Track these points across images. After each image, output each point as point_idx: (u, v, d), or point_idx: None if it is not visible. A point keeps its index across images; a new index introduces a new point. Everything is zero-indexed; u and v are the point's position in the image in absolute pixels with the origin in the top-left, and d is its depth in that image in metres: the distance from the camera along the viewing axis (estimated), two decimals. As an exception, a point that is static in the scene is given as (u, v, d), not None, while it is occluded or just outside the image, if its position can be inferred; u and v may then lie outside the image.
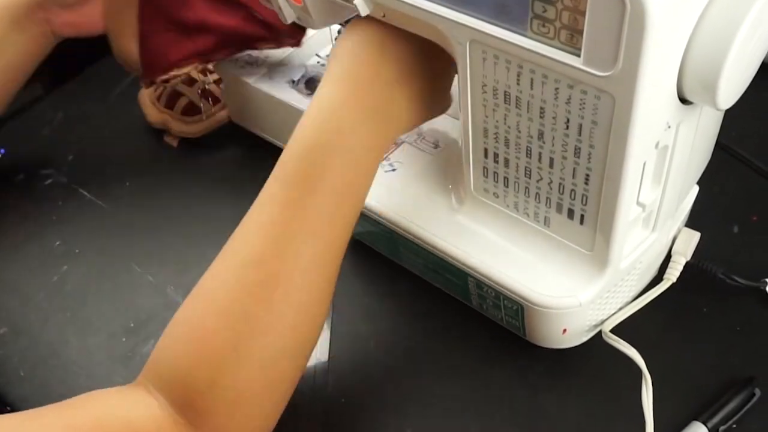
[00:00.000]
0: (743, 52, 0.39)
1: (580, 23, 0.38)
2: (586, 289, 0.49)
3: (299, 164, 0.46)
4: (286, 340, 0.44)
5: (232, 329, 0.43)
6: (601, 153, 0.43)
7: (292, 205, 0.45)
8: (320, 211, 0.46)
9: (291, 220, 0.45)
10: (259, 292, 0.44)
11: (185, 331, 0.45)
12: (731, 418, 0.51)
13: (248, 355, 0.43)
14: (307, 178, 0.46)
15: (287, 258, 0.45)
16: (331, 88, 0.48)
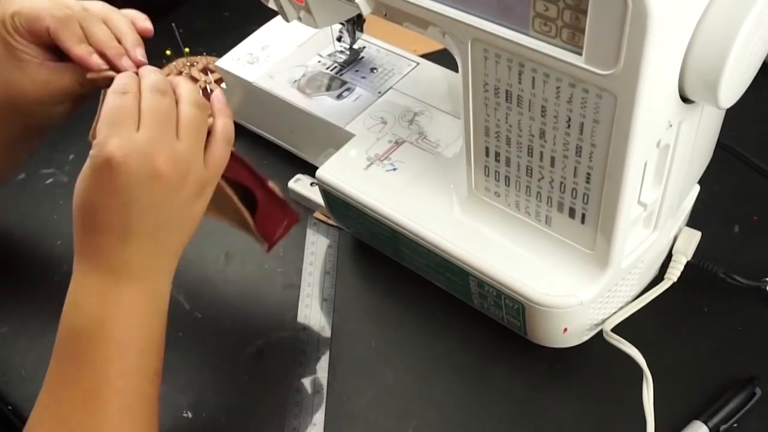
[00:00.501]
0: (745, 51, 0.39)
1: (582, 22, 0.38)
2: (587, 289, 0.49)
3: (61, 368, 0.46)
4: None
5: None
6: (602, 152, 0.43)
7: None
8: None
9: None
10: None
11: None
12: (732, 417, 0.51)
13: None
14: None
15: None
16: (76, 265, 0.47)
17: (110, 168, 0.44)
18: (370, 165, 0.59)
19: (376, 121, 0.62)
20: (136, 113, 0.46)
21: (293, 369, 0.58)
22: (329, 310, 0.61)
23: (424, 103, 0.63)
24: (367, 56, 0.69)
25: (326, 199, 0.61)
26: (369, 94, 0.65)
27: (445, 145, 0.59)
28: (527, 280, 0.50)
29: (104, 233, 0.45)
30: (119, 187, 0.44)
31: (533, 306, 0.50)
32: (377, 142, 0.61)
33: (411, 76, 0.67)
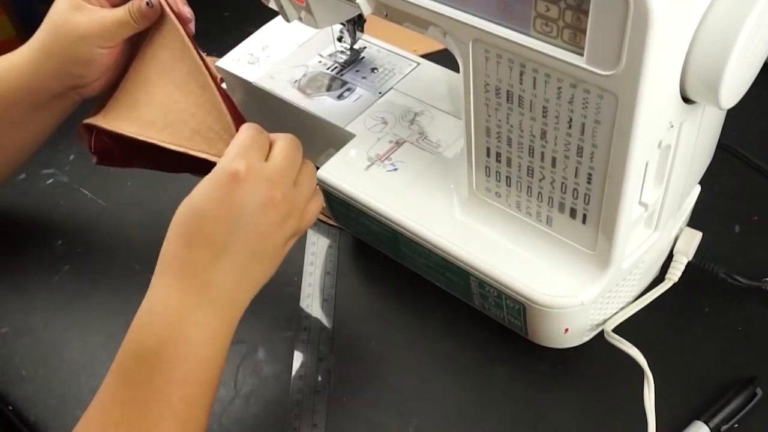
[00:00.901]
0: (746, 52, 0.39)
1: (583, 22, 0.38)
2: (588, 289, 0.49)
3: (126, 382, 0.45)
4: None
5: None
6: (603, 152, 0.43)
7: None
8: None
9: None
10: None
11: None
12: (733, 417, 0.51)
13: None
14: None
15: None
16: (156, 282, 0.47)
17: (234, 182, 0.45)
18: (370, 165, 0.59)
19: (376, 122, 0.62)
20: (266, 149, 0.49)
21: (293, 369, 0.58)
22: (330, 310, 0.61)
23: (424, 104, 0.63)
24: (368, 56, 0.69)
25: (327, 200, 0.61)
26: (370, 94, 0.65)
27: (445, 146, 0.59)
28: (528, 281, 0.50)
29: (204, 247, 0.45)
30: (235, 202, 0.45)
31: (534, 306, 0.50)
32: (378, 143, 0.61)
33: (412, 76, 0.67)
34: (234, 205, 0.45)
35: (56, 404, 0.57)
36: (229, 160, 0.46)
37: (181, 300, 0.45)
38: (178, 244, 0.46)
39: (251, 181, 0.46)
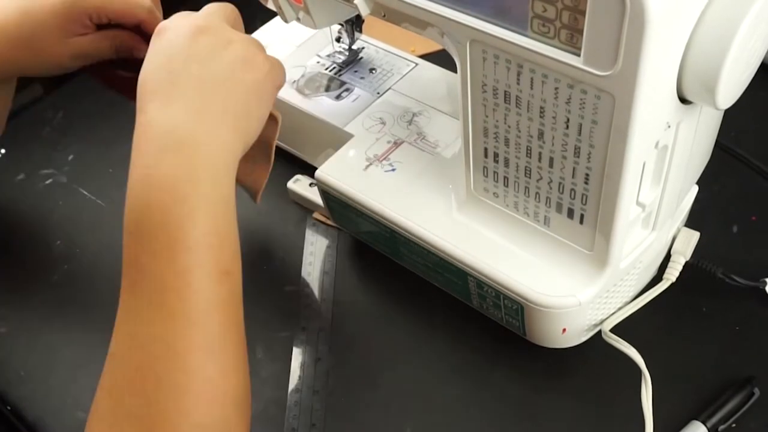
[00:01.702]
0: (743, 52, 0.39)
1: (580, 23, 0.38)
2: (586, 289, 0.49)
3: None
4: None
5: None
6: (600, 152, 0.43)
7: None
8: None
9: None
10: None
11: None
12: (730, 417, 0.51)
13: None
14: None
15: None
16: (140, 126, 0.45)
17: (158, 35, 0.46)
18: (369, 165, 0.59)
19: (374, 122, 0.63)
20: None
21: (292, 369, 0.58)
22: (328, 310, 0.61)
23: (422, 104, 0.63)
24: (366, 57, 0.69)
25: (325, 200, 0.61)
26: (368, 94, 0.65)
27: (444, 146, 0.60)
28: (526, 281, 0.50)
29: (149, 100, 0.44)
30: (163, 46, 0.45)
31: (532, 306, 0.50)
32: (376, 143, 0.61)
33: (410, 76, 0.67)
34: (163, 46, 0.45)
35: (54, 404, 0.58)
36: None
37: (133, 168, 0.44)
38: (137, 110, 0.45)
39: (174, 22, 0.46)
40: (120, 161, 0.75)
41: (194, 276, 0.40)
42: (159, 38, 0.46)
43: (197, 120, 0.43)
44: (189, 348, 0.39)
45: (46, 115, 0.82)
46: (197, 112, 0.43)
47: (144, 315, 0.40)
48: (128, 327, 0.41)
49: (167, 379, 0.39)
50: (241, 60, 0.46)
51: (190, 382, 0.39)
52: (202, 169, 0.42)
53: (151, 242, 0.40)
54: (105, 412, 0.41)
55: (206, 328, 0.40)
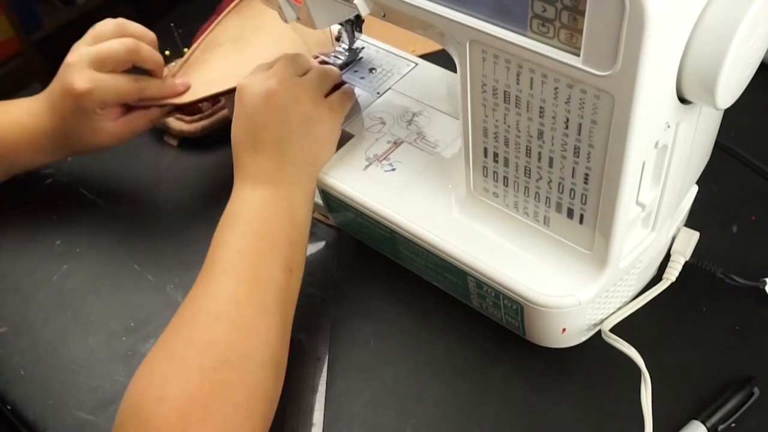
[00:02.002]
0: (742, 52, 0.39)
1: (580, 23, 0.38)
2: (586, 289, 0.49)
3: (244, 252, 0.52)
4: (249, 405, 0.47)
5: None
6: (600, 152, 0.43)
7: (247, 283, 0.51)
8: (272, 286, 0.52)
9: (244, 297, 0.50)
10: (214, 376, 0.46)
11: (150, 388, 0.46)
12: (730, 417, 0.51)
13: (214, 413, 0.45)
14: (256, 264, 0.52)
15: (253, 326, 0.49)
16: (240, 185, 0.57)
17: (239, 96, 0.57)
18: (368, 165, 0.59)
19: (374, 122, 0.63)
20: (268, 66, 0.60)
21: (292, 369, 0.58)
22: (328, 310, 0.61)
23: (422, 104, 0.63)
24: (366, 57, 0.69)
25: (325, 200, 0.61)
26: (368, 94, 0.65)
27: (443, 146, 0.60)
28: (526, 281, 0.50)
29: (243, 151, 0.56)
30: (246, 109, 0.56)
31: (532, 306, 0.50)
32: (376, 143, 0.61)
33: (410, 76, 0.67)
34: (244, 110, 0.57)
35: (55, 404, 0.58)
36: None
37: (241, 190, 0.56)
38: (234, 159, 0.57)
39: (249, 84, 0.57)
40: (120, 162, 0.75)
41: (267, 264, 0.52)
42: (240, 100, 0.57)
43: (277, 168, 0.56)
44: (250, 302, 0.50)
45: (46, 115, 0.81)
46: (277, 162, 0.56)
47: (225, 278, 0.51)
48: (207, 285, 0.51)
49: (226, 318, 0.48)
50: (308, 117, 0.57)
51: (245, 324, 0.49)
52: (283, 201, 0.55)
53: (241, 239, 0.53)
54: (165, 340, 0.48)
55: (266, 293, 0.51)
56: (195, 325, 0.48)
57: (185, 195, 0.72)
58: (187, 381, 0.45)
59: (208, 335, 0.48)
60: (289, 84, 0.57)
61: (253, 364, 0.48)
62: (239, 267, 0.51)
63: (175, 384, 0.45)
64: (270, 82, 0.56)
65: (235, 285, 0.50)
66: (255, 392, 0.47)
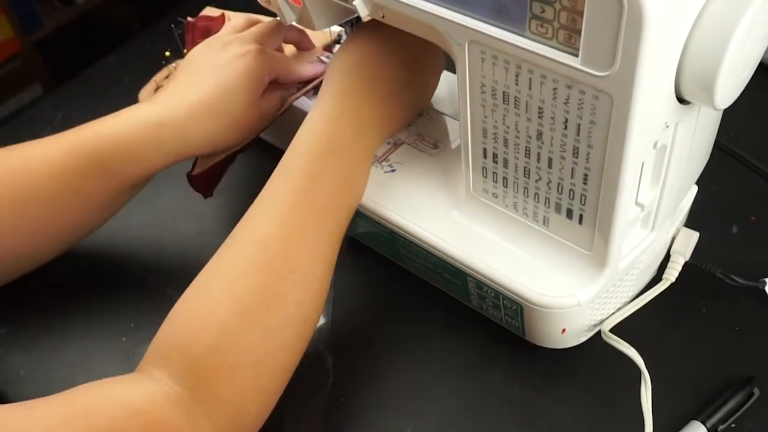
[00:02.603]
0: (740, 52, 0.39)
1: (578, 23, 0.38)
2: (585, 289, 0.49)
3: (305, 162, 0.51)
4: (290, 313, 0.48)
5: (239, 300, 0.46)
6: (599, 153, 0.43)
7: (300, 194, 0.50)
8: (324, 201, 0.51)
9: (299, 207, 0.50)
10: (267, 268, 0.47)
11: (191, 304, 0.47)
12: (730, 417, 0.51)
13: (251, 323, 0.46)
14: (313, 173, 0.51)
15: (295, 239, 0.49)
16: (331, 102, 0.54)
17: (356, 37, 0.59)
18: (368, 166, 0.59)
19: (374, 122, 0.62)
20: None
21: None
22: (328, 311, 0.61)
23: (422, 104, 0.63)
24: (366, 57, 0.69)
25: (325, 200, 0.61)
26: (367, 95, 0.65)
27: (443, 147, 0.60)
28: (525, 281, 0.50)
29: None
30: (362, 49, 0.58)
31: (531, 307, 0.50)
32: (376, 143, 0.61)
33: (409, 77, 0.67)
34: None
35: (55, 405, 0.58)
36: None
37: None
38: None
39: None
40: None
41: (327, 176, 0.52)
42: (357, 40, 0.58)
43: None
44: (299, 252, 0.49)
45: (46, 115, 0.82)
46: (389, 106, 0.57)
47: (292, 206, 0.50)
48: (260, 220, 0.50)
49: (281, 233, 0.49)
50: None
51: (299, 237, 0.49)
52: (351, 118, 0.54)
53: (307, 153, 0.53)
54: (210, 264, 0.49)
55: (311, 243, 0.50)
56: (242, 247, 0.49)
57: (186, 195, 0.72)
58: (247, 277, 0.47)
59: (261, 248, 0.48)
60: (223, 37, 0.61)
61: (306, 270, 0.49)
62: (299, 177, 0.51)
63: (232, 281, 0.47)
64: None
65: (294, 187, 0.51)
66: (312, 291, 0.50)
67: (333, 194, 0.52)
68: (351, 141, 0.53)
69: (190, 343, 0.45)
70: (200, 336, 0.45)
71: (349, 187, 0.53)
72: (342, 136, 0.53)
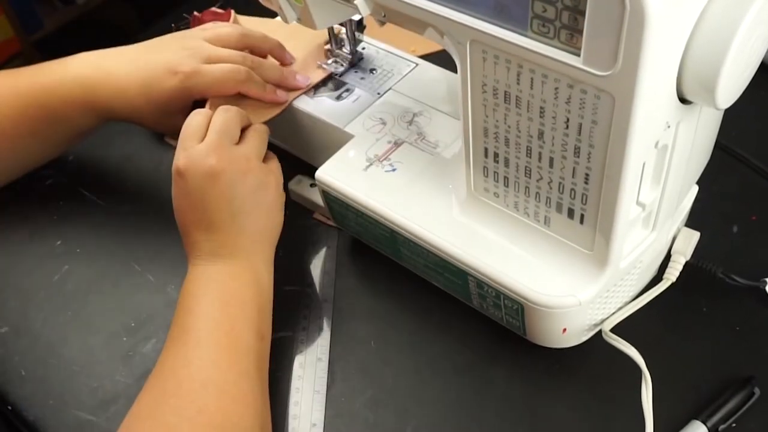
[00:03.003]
0: (742, 52, 0.39)
1: (580, 23, 0.38)
2: (586, 289, 0.49)
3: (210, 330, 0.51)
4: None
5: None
6: (600, 152, 0.43)
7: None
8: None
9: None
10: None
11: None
12: (731, 417, 0.51)
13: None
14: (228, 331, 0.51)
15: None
16: (203, 267, 0.55)
17: (180, 176, 0.55)
18: (369, 166, 0.59)
19: (375, 122, 0.63)
20: (203, 130, 0.56)
21: (292, 369, 0.58)
22: (329, 310, 0.61)
23: (423, 104, 0.64)
24: (367, 57, 0.69)
25: (326, 200, 0.61)
26: (368, 95, 0.65)
27: (444, 146, 0.60)
28: (526, 281, 0.50)
29: (194, 230, 0.55)
30: (190, 189, 0.54)
31: (532, 306, 0.50)
32: (376, 143, 0.61)
33: (410, 77, 0.67)
34: (190, 192, 0.54)
35: (55, 404, 0.58)
36: (174, 158, 0.56)
37: (196, 268, 0.54)
38: (183, 235, 0.56)
39: (189, 167, 0.54)
40: (121, 162, 0.76)
41: (242, 332, 0.52)
42: (182, 183, 0.55)
43: (236, 241, 0.54)
44: (232, 369, 0.50)
45: (46, 115, 0.82)
46: (235, 236, 0.54)
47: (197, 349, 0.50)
48: (176, 353, 0.50)
49: (213, 385, 0.48)
50: (256, 188, 0.56)
51: (232, 389, 0.49)
52: (247, 271, 0.54)
53: (211, 308, 0.52)
54: (152, 413, 0.48)
55: (245, 359, 0.51)
56: (182, 395, 0.48)
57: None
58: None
59: (198, 403, 0.47)
60: (230, 158, 0.55)
61: (245, 430, 0.48)
62: (215, 335, 0.50)
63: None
64: (210, 161, 0.54)
65: (214, 353, 0.50)
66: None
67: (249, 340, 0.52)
68: (252, 288, 0.54)
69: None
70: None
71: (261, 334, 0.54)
72: (242, 287, 0.54)
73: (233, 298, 0.53)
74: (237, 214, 0.54)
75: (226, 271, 0.54)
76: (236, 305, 0.52)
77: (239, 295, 0.53)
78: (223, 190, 0.54)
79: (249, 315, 0.53)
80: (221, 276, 0.53)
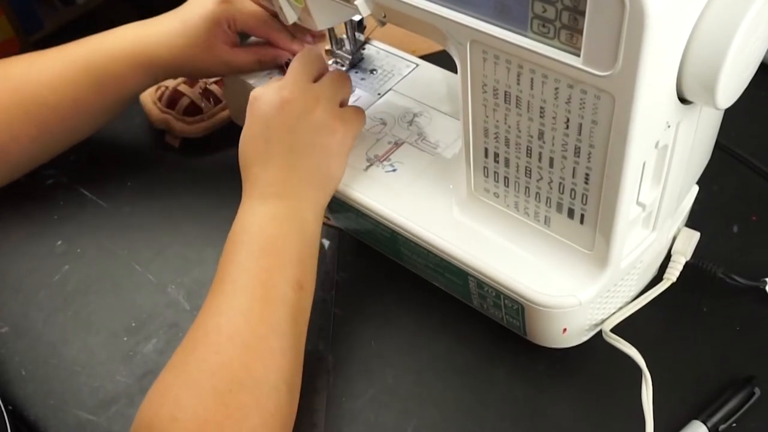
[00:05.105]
0: (742, 52, 0.39)
1: (580, 23, 0.38)
2: (587, 289, 0.49)
3: (256, 269, 0.51)
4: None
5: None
6: (600, 152, 0.43)
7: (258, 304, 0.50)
8: (283, 308, 0.51)
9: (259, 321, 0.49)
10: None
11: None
12: (731, 417, 0.51)
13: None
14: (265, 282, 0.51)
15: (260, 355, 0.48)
16: (260, 202, 0.54)
17: (252, 105, 0.56)
18: (369, 166, 0.59)
19: (375, 122, 0.63)
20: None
21: (293, 369, 0.58)
22: (329, 310, 0.61)
23: (423, 104, 0.64)
24: (367, 57, 0.69)
25: (326, 200, 0.61)
26: (368, 95, 0.65)
27: (444, 146, 0.60)
28: (526, 281, 0.50)
29: (253, 163, 0.55)
30: (258, 117, 0.55)
31: (532, 306, 0.50)
32: (377, 143, 0.61)
33: (410, 77, 0.67)
34: (258, 119, 0.56)
35: (56, 404, 0.58)
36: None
37: (249, 204, 0.54)
38: (242, 172, 0.56)
39: (262, 95, 0.56)
40: (121, 162, 0.76)
41: (279, 282, 0.51)
42: (252, 108, 0.56)
43: (286, 180, 0.54)
44: (262, 322, 0.49)
45: (47, 115, 0.82)
46: (287, 174, 0.54)
47: (236, 296, 0.50)
48: (218, 303, 0.50)
49: (239, 338, 0.48)
50: (320, 126, 0.55)
51: (258, 344, 0.48)
52: (292, 216, 0.54)
53: (249, 256, 0.51)
54: (178, 360, 0.48)
55: (278, 312, 0.50)
56: (207, 345, 0.48)
57: (186, 195, 0.72)
58: (201, 404, 0.45)
59: (222, 356, 0.47)
60: (302, 92, 0.55)
61: (268, 387, 0.47)
62: (249, 286, 0.50)
63: (189, 406, 0.45)
64: (283, 92, 0.55)
65: (246, 304, 0.49)
66: (270, 416, 0.47)
67: (292, 299, 0.52)
68: (294, 235, 0.53)
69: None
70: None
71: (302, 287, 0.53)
72: (283, 234, 0.53)
73: (272, 246, 0.52)
74: (293, 149, 0.54)
75: (270, 214, 0.53)
76: (275, 254, 0.52)
77: (280, 242, 0.52)
78: (284, 120, 0.54)
79: (288, 264, 0.52)
80: (264, 220, 0.53)
